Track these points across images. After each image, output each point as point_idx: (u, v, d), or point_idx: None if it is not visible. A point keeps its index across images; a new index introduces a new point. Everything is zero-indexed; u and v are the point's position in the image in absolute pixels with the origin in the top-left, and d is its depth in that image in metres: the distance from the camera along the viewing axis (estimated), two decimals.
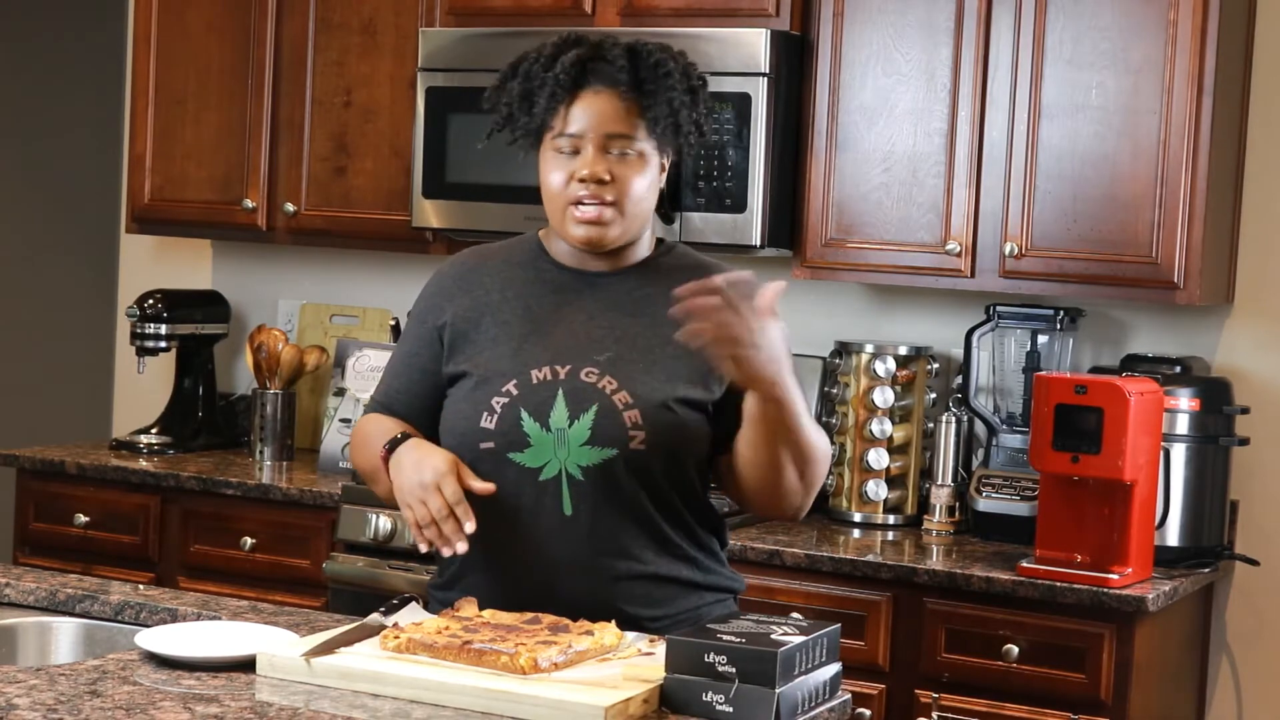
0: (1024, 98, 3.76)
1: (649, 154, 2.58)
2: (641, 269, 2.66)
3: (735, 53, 3.89)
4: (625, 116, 2.56)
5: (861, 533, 3.94)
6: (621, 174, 2.56)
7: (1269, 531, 3.92)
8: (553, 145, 2.58)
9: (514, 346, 2.61)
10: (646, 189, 2.59)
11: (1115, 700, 3.41)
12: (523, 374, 2.58)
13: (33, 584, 2.82)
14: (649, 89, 2.56)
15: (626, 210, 2.57)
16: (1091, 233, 3.72)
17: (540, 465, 2.55)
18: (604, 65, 2.57)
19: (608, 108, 2.55)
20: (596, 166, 2.54)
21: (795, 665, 2.23)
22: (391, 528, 3.94)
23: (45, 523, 4.47)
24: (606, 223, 2.56)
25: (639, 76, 2.56)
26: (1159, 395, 3.53)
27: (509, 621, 2.42)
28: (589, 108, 2.55)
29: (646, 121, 2.56)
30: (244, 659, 2.36)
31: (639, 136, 2.56)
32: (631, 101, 2.56)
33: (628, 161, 2.56)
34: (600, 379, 2.56)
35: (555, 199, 2.59)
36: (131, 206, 4.77)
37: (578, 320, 2.62)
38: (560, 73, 2.56)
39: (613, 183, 2.55)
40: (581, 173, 2.55)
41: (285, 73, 4.52)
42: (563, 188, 2.56)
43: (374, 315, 4.76)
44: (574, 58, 2.57)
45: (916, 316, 4.21)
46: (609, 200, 2.55)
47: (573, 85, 2.56)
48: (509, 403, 2.56)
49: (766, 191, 3.90)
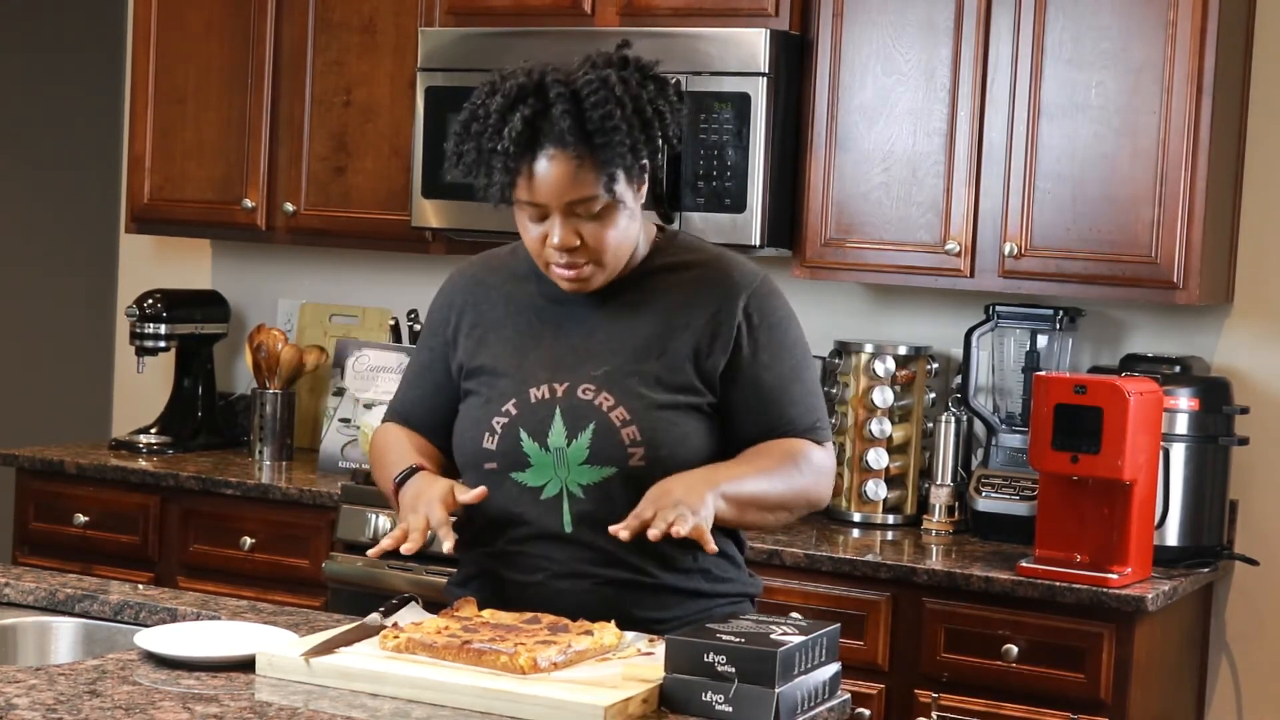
0: (1024, 97, 3.76)
1: (620, 192, 2.50)
2: (640, 269, 2.63)
3: (735, 52, 3.89)
4: (582, 178, 2.46)
5: (861, 533, 3.94)
6: (593, 233, 2.51)
7: (1268, 531, 3.92)
8: (520, 208, 2.53)
9: (515, 364, 2.61)
10: (623, 230, 2.54)
11: (1115, 700, 3.41)
12: (522, 393, 2.58)
13: (32, 584, 2.82)
14: (599, 143, 2.46)
15: (606, 261, 2.54)
16: (1091, 232, 3.72)
17: (541, 484, 2.55)
18: (549, 123, 2.45)
19: (563, 174, 2.46)
20: (566, 237, 2.50)
21: (795, 665, 2.23)
22: (391, 527, 3.93)
23: (45, 522, 4.47)
24: (587, 278, 2.55)
25: (586, 131, 2.46)
26: (1158, 395, 3.53)
27: (508, 621, 2.42)
28: (545, 178, 2.47)
29: (604, 176, 2.47)
30: (243, 659, 2.36)
31: (600, 193, 2.48)
32: (585, 157, 2.46)
33: (598, 217, 2.50)
34: (597, 395, 2.55)
35: (535, 255, 2.57)
36: (131, 206, 4.77)
37: (576, 333, 2.61)
38: (509, 145, 2.46)
39: (584, 246, 2.51)
40: (553, 241, 2.51)
41: (285, 72, 4.52)
42: (539, 248, 2.54)
43: (373, 315, 4.76)
44: (520, 122, 2.45)
45: (916, 316, 4.21)
46: (583, 262, 2.53)
47: (524, 151, 2.47)
48: (509, 423, 2.56)
49: (766, 191, 3.90)
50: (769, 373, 2.59)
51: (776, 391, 2.60)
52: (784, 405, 2.60)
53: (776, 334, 2.61)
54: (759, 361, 2.59)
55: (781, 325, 2.63)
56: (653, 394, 2.55)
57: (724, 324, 2.58)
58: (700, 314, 2.58)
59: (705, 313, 2.58)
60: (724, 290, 2.60)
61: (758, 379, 2.59)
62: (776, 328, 2.62)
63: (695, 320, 2.58)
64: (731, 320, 2.58)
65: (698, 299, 2.59)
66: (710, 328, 2.58)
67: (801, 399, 2.62)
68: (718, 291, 2.60)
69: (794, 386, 2.61)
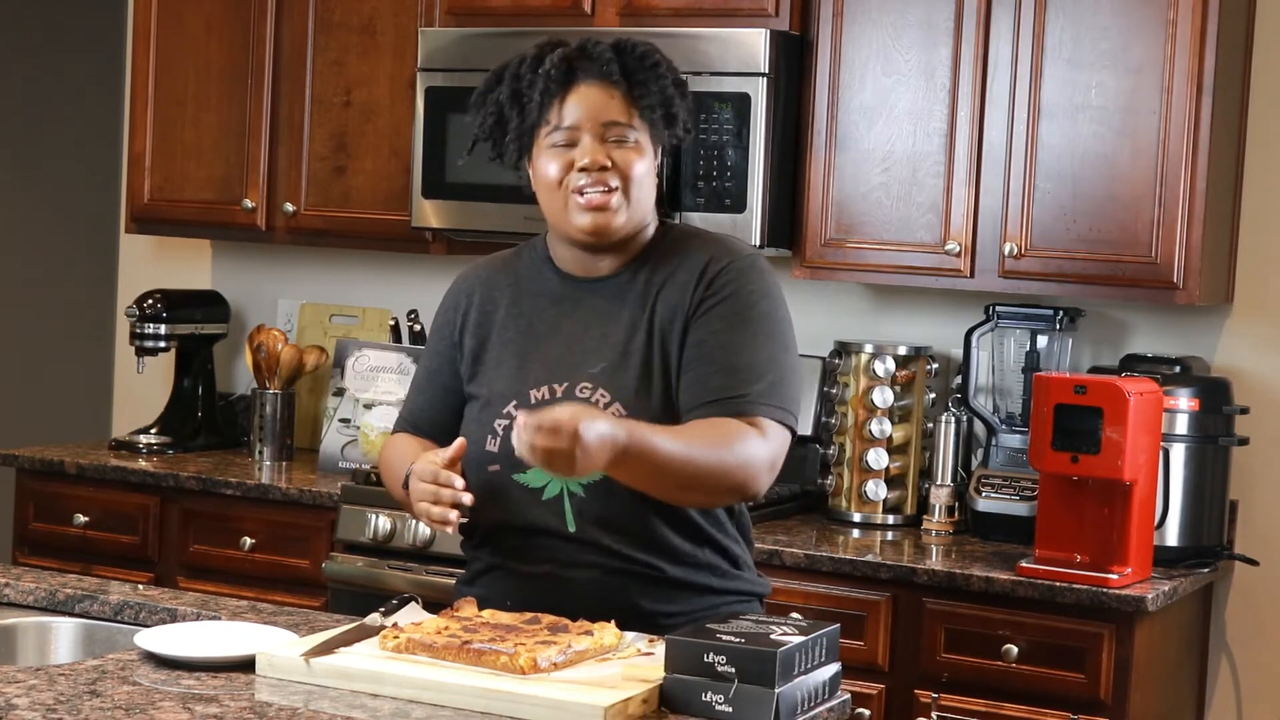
0: (1023, 97, 3.76)
1: (645, 143, 2.58)
2: (635, 265, 2.62)
3: (735, 53, 3.89)
4: (620, 105, 2.56)
5: (861, 533, 3.94)
6: (622, 159, 2.55)
7: (1268, 531, 3.92)
8: (547, 141, 2.56)
9: (515, 365, 2.62)
10: (646, 174, 2.58)
11: (1115, 700, 3.41)
12: (522, 394, 2.58)
13: (32, 584, 2.82)
14: (639, 79, 2.56)
15: (631, 194, 2.55)
16: (1091, 233, 3.72)
17: (542, 485, 2.56)
18: (590, 62, 2.56)
19: (601, 98, 2.55)
20: (597, 153, 2.53)
21: (795, 665, 2.23)
22: (391, 528, 3.94)
23: (45, 523, 4.47)
24: (613, 209, 2.54)
25: (627, 68, 2.56)
26: (1158, 395, 3.53)
27: (508, 621, 2.42)
28: (583, 100, 2.55)
29: (640, 110, 2.56)
30: (243, 659, 2.36)
31: (635, 125, 2.56)
32: (624, 92, 2.56)
33: (626, 148, 2.55)
34: (594, 393, 2.55)
35: (555, 193, 2.57)
36: (131, 206, 4.77)
37: (574, 331, 2.61)
38: (550, 68, 2.55)
39: (614, 168, 2.54)
40: (583, 161, 2.53)
41: (285, 73, 4.52)
42: (561, 178, 2.55)
43: (373, 315, 4.76)
44: (561, 55, 2.56)
45: (916, 316, 4.21)
46: (613, 186, 2.54)
47: (564, 80, 2.55)
48: (509, 425, 2.54)
49: (766, 191, 3.90)
50: (717, 338, 2.52)
51: (720, 355, 2.51)
52: (722, 372, 2.50)
53: (737, 303, 2.54)
54: (709, 328, 2.53)
55: (747, 298, 2.55)
56: (645, 386, 2.54)
57: (688, 304, 2.56)
58: (674, 300, 2.57)
59: (676, 298, 2.57)
60: (695, 272, 2.58)
61: (701, 341, 2.53)
62: (738, 297, 2.55)
63: (671, 307, 2.57)
64: (694, 297, 2.56)
65: (674, 285, 2.59)
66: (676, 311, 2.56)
67: (745, 370, 2.50)
68: (690, 275, 2.58)
69: (742, 357, 2.51)
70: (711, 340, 2.52)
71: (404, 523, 3.92)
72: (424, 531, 3.89)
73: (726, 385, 2.50)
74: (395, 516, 3.93)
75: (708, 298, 2.55)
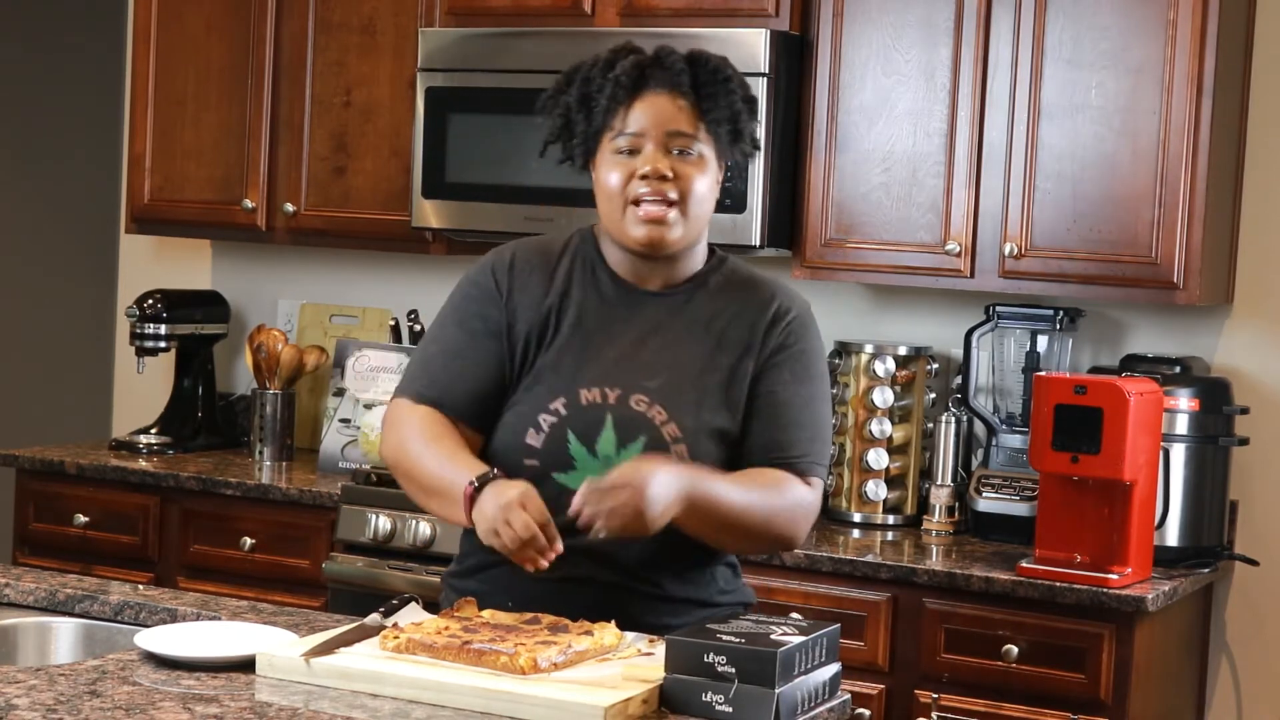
0: (1024, 97, 3.76)
1: (709, 157, 2.56)
2: (692, 287, 2.62)
3: (735, 53, 3.85)
4: (686, 117, 2.53)
5: (861, 533, 3.94)
6: (684, 172, 2.53)
7: (1268, 531, 3.92)
8: (611, 146, 2.54)
9: (565, 361, 2.57)
10: (707, 191, 2.57)
11: (1115, 700, 3.41)
12: (572, 392, 2.55)
13: (32, 584, 2.82)
14: (708, 92, 2.54)
15: (689, 211, 2.54)
16: (1091, 233, 3.72)
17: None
18: (662, 71, 2.54)
19: (668, 108, 2.53)
20: (659, 163, 2.51)
21: (795, 665, 2.23)
22: (391, 528, 3.94)
23: (45, 523, 4.47)
24: (669, 223, 2.53)
25: (698, 80, 2.55)
26: (1159, 395, 3.53)
27: (508, 622, 2.42)
28: (649, 107, 2.53)
29: (707, 123, 2.54)
30: (243, 659, 2.36)
31: (700, 137, 2.54)
32: (692, 104, 2.54)
33: (689, 161, 2.53)
34: (650, 408, 2.53)
35: (614, 199, 2.54)
36: (131, 206, 4.77)
37: (627, 340, 2.58)
38: (620, 74, 2.53)
39: (675, 180, 2.52)
40: (644, 169, 2.51)
41: (285, 73, 4.52)
42: (622, 187, 2.53)
43: (373, 315, 4.76)
44: (632, 63, 2.55)
45: (916, 316, 4.21)
46: (672, 199, 2.52)
47: (633, 86, 2.53)
48: (557, 422, 2.53)
49: (766, 191, 3.90)
50: (786, 390, 2.58)
51: (789, 411, 2.58)
52: (790, 428, 2.58)
53: (804, 361, 2.61)
54: (780, 379, 2.58)
55: (810, 354, 2.63)
56: (701, 414, 2.54)
57: (759, 346, 2.59)
58: (743, 337, 2.59)
59: (746, 336, 2.59)
60: (765, 314, 2.60)
61: (774, 394, 2.58)
62: (805, 355, 2.62)
63: (738, 342, 2.58)
64: (768, 342, 2.59)
65: (742, 321, 2.60)
66: (748, 350, 2.58)
67: (809, 428, 2.59)
68: (760, 315, 2.60)
69: (804, 413, 2.59)
70: (781, 393, 2.58)
71: (404, 523, 3.93)
72: (424, 532, 3.89)
73: (789, 442, 2.58)
74: (395, 517, 3.93)
75: (781, 348, 2.60)
